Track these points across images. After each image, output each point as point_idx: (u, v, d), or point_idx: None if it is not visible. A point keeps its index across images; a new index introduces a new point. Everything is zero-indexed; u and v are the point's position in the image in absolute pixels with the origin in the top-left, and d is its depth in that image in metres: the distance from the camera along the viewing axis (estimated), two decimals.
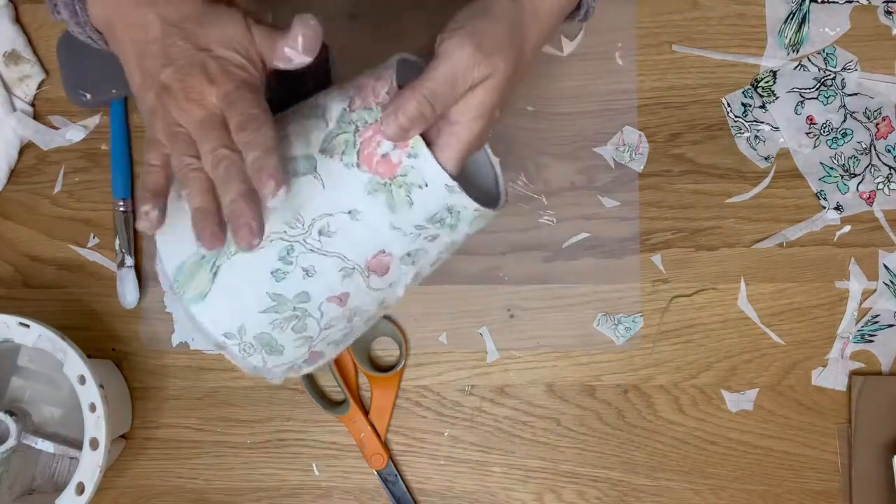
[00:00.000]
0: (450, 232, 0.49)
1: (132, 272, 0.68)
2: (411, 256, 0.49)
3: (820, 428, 0.66)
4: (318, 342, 0.51)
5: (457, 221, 0.48)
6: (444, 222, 0.48)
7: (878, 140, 0.67)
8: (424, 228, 0.48)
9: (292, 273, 0.47)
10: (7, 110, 0.69)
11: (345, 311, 0.49)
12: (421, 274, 0.51)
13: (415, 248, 0.48)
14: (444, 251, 0.51)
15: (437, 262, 0.51)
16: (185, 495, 0.69)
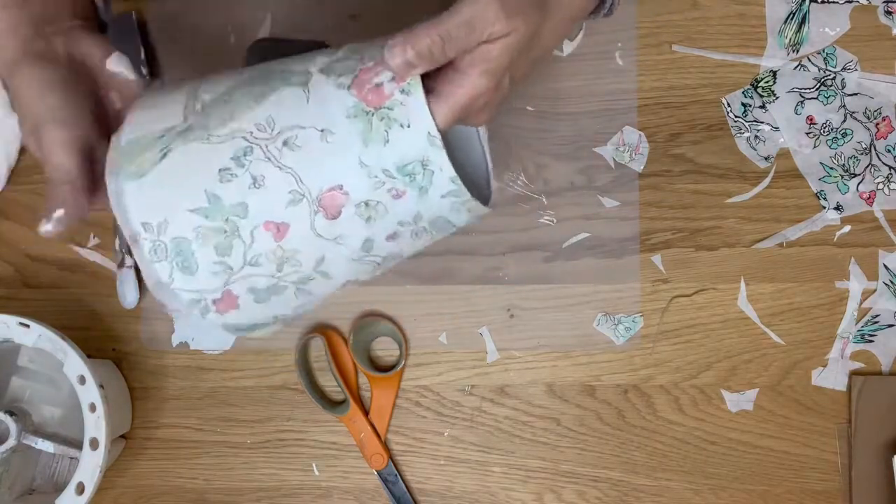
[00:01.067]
0: (417, 196, 0.45)
1: (132, 272, 0.69)
2: (368, 209, 0.45)
3: (820, 428, 0.66)
4: (237, 280, 0.46)
5: (428, 185, 0.45)
6: (414, 178, 0.45)
7: (878, 140, 0.67)
8: (392, 178, 0.45)
9: (240, 178, 0.44)
10: (7, 110, 0.69)
11: (276, 249, 0.45)
12: (372, 252, 0.47)
13: (375, 198, 0.45)
14: (404, 225, 0.46)
15: (393, 240, 0.47)
16: (185, 495, 0.69)
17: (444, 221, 0.48)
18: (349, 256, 0.47)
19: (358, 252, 0.47)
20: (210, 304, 0.46)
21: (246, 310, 0.47)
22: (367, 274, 0.50)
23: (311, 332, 0.68)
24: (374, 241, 0.47)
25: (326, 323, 0.69)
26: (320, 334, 0.67)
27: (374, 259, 0.48)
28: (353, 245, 0.46)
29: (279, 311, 0.48)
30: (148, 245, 0.45)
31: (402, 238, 0.47)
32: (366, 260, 0.48)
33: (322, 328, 0.68)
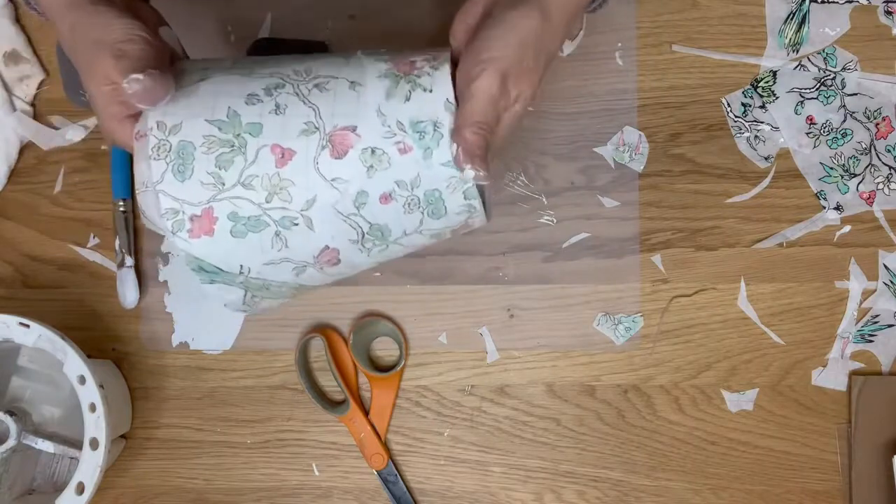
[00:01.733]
0: (421, 157, 0.47)
1: (132, 272, 0.69)
2: (372, 157, 0.46)
3: (820, 428, 0.66)
4: (224, 199, 0.46)
5: (434, 147, 0.47)
6: (423, 136, 0.47)
7: (878, 140, 0.67)
8: (403, 132, 0.46)
9: (265, 104, 0.47)
10: (7, 110, 0.69)
11: (274, 176, 0.46)
12: (362, 212, 0.47)
13: (382, 147, 0.46)
14: (400, 187, 0.47)
15: (385, 203, 0.47)
16: (185, 495, 0.69)
17: (438, 200, 0.48)
18: (338, 207, 0.47)
19: (349, 205, 0.47)
20: (187, 220, 0.46)
21: (219, 241, 0.47)
22: (349, 249, 0.49)
23: (311, 332, 0.68)
24: (368, 196, 0.47)
25: (326, 323, 0.69)
26: (320, 334, 0.67)
27: (360, 224, 0.48)
28: (346, 193, 0.47)
29: (250, 260, 0.48)
30: (153, 141, 0.46)
31: (393, 206, 0.48)
32: (353, 220, 0.47)
33: (322, 328, 0.68)
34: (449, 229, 0.51)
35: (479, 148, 0.47)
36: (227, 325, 0.69)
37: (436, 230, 0.50)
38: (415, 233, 0.50)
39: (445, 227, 0.50)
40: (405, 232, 0.49)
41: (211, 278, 0.48)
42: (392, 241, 0.50)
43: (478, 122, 0.47)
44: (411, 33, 0.68)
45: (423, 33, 0.69)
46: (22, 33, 0.70)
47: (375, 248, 0.50)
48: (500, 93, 0.47)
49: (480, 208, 0.49)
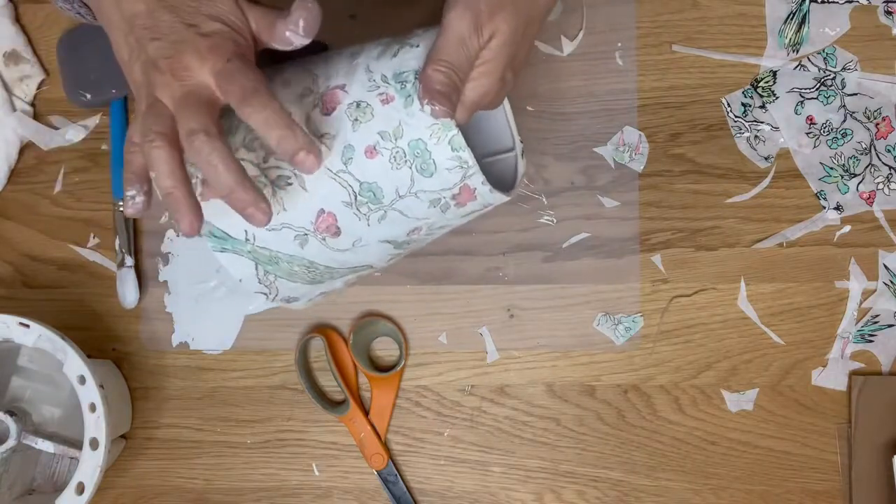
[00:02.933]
0: (402, 105, 0.47)
1: (132, 272, 0.69)
2: (357, 111, 0.47)
3: (820, 428, 0.66)
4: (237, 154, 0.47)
5: (413, 93, 0.47)
6: (405, 86, 0.47)
7: (878, 140, 0.67)
8: (386, 83, 0.47)
9: (276, 82, 0.50)
10: (7, 110, 0.69)
11: None
12: (349, 168, 0.48)
13: (366, 100, 0.47)
14: (385, 138, 0.47)
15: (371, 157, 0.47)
16: (185, 495, 0.69)
17: (424, 152, 0.47)
18: (327, 164, 0.48)
19: (336, 161, 0.48)
20: (199, 183, 0.48)
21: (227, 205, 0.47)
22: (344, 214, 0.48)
23: (311, 332, 0.68)
24: (354, 150, 0.47)
25: (326, 323, 0.69)
26: (320, 334, 0.67)
27: (350, 182, 0.48)
28: (333, 149, 0.47)
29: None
30: None
31: (379, 160, 0.47)
32: (342, 178, 0.48)
33: (322, 328, 0.68)
34: (449, 194, 0.49)
35: (439, 84, 0.45)
36: (227, 325, 0.69)
37: (433, 192, 0.49)
38: (410, 195, 0.48)
39: (442, 188, 0.49)
40: (398, 192, 0.48)
41: (221, 245, 0.49)
42: (388, 204, 0.49)
43: (442, 59, 0.45)
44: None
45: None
46: (22, 33, 0.70)
47: (372, 213, 0.49)
48: (470, 30, 0.46)
49: (474, 164, 0.48)
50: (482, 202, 0.51)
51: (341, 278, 0.53)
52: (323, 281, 0.52)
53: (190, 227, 0.44)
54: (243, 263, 0.50)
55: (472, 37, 0.46)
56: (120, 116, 0.69)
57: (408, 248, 0.54)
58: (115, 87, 0.69)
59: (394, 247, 0.52)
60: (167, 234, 0.69)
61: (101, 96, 0.69)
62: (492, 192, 0.50)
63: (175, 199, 0.44)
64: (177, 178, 0.44)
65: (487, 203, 0.52)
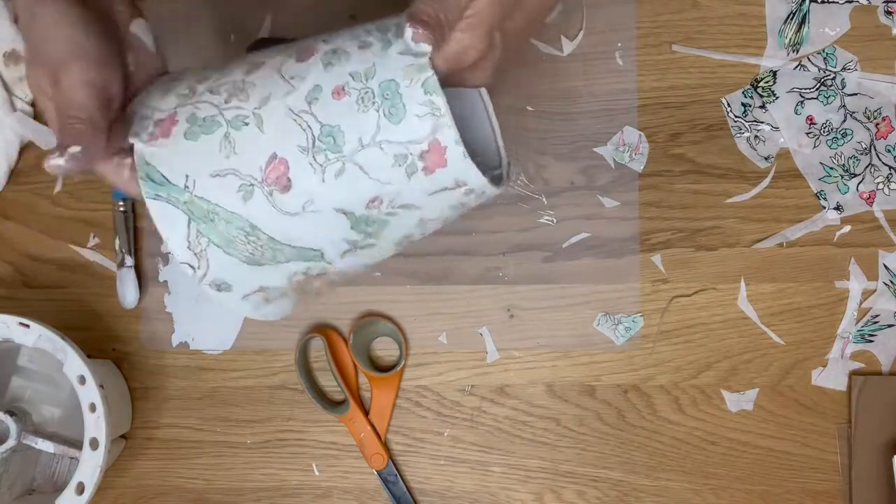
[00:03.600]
0: (380, 49, 0.46)
1: (132, 272, 0.69)
2: (333, 56, 0.46)
3: (820, 428, 0.66)
4: (192, 101, 0.46)
5: (393, 39, 0.46)
6: (385, 34, 0.46)
7: (878, 140, 0.67)
8: (368, 33, 0.47)
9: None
10: (7, 110, 0.69)
11: (239, 81, 0.46)
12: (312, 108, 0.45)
13: (343, 47, 0.46)
14: (355, 79, 0.45)
15: (337, 97, 0.45)
16: (185, 495, 0.69)
17: (395, 95, 0.44)
18: (289, 102, 0.45)
19: (300, 101, 0.45)
20: (151, 124, 0.47)
21: (171, 144, 0.46)
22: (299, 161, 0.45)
23: (311, 332, 0.68)
24: (322, 90, 0.45)
25: (326, 323, 0.69)
26: (320, 334, 0.67)
27: (311, 123, 0.45)
28: (300, 89, 0.45)
29: (196, 167, 0.46)
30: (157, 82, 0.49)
31: (346, 101, 0.45)
32: (303, 119, 0.45)
33: (322, 328, 0.68)
34: (417, 150, 0.45)
35: (426, 15, 0.44)
36: (227, 325, 0.69)
37: (398, 144, 0.45)
38: (373, 144, 0.45)
39: (409, 140, 0.45)
40: (361, 141, 0.45)
41: (156, 191, 0.46)
42: (348, 154, 0.45)
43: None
44: None
45: None
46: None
47: (329, 165, 0.45)
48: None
49: (447, 113, 0.44)
50: (453, 173, 0.46)
51: (285, 263, 0.48)
52: (262, 263, 0.47)
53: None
54: (175, 216, 0.46)
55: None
56: None
57: (366, 238, 0.48)
58: None
59: (350, 225, 0.46)
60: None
61: None
62: (465, 159, 0.45)
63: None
64: None
65: (461, 180, 0.46)
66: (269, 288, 0.49)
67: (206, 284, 0.48)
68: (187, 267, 0.47)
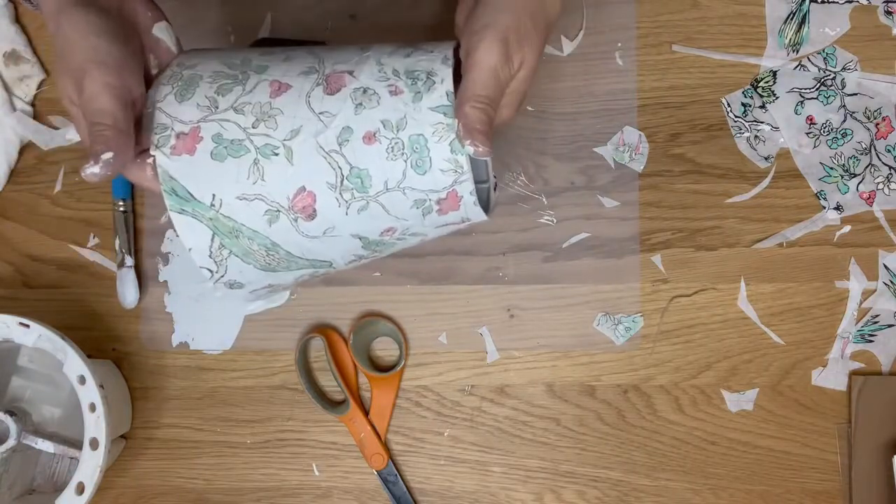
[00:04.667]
0: (410, 99, 0.47)
1: (132, 272, 0.69)
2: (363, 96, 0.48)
3: (820, 428, 0.66)
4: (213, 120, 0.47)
5: (424, 91, 0.47)
6: (416, 82, 0.48)
7: (878, 140, 0.67)
8: (398, 77, 0.48)
9: (277, 55, 0.50)
10: (7, 110, 0.69)
11: (265, 104, 0.47)
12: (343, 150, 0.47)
13: (373, 87, 0.48)
14: (386, 127, 0.47)
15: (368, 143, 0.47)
16: (185, 495, 0.69)
17: (423, 148, 0.47)
18: (320, 141, 0.47)
19: (331, 140, 0.47)
20: (173, 136, 0.47)
21: (197, 162, 0.47)
22: (326, 196, 0.47)
23: (311, 332, 0.68)
24: (353, 132, 0.47)
25: (326, 323, 0.69)
26: (320, 334, 0.67)
27: (340, 164, 0.47)
28: (331, 126, 0.47)
29: (223, 188, 0.47)
30: (168, 73, 0.49)
31: (376, 147, 0.47)
32: (333, 158, 0.47)
33: (322, 328, 0.68)
34: (436, 197, 0.48)
35: (480, 122, 0.45)
36: (227, 325, 0.69)
37: (420, 192, 0.48)
38: (397, 189, 0.48)
39: (430, 189, 0.48)
40: (387, 185, 0.47)
41: (181, 206, 0.47)
42: (373, 195, 0.48)
43: (478, 94, 0.45)
44: (412, 34, 0.68)
45: (424, 34, 0.69)
46: (22, 33, 0.70)
47: (354, 202, 0.48)
48: (502, 61, 0.46)
49: (469, 171, 0.48)
50: (462, 214, 0.50)
51: (296, 271, 0.51)
52: (277, 270, 0.50)
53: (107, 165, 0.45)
54: (200, 230, 0.47)
55: (504, 68, 0.46)
56: None
57: (373, 253, 0.52)
58: None
59: (362, 245, 0.50)
60: (167, 235, 0.70)
61: None
62: (475, 206, 0.50)
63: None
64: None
65: (466, 217, 0.51)
66: (275, 285, 0.52)
67: (220, 284, 0.50)
68: (206, 271, 0.49)
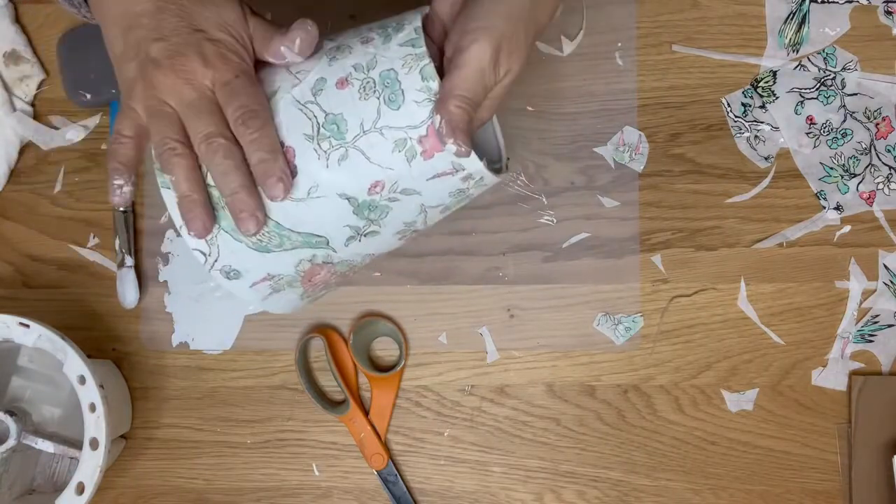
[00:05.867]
0: (381, 42, 0.48)
1: (132, 272, 0.69)
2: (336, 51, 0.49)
3: (820, 428, 0.66)
4: None
5: (394, 33, 0.48)
6: (386, 29, 0.49)
7: (878, 140, 0.67)
8: (369, 31, 0.49)
9: None
10: (7, 110, 0.69)
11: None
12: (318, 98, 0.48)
13: (347, 43, 0.49)
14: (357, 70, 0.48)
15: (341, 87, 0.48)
16: (185, 495, 0.69)
17: (394, 82, 0.47)
18: (295, 94, 0.48)
19: (306, 92, 0.48)
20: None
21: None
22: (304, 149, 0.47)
23: (311, 332, 0.68)
24: (326, 81, 0.48)
25: (326, 323, 0.69)
26: (320, 334, 0.67)
27: (316, 113, 0.47)
28: (305, 81, 0.48)
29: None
30: None
31: (349, 90, 0.48)
32: (308, 109, 0.48)
33: (322, 328, 0.68)
34: (416, 134, 0.47)
35: (462, 122, 0.46)
36: (227, 325, 0.69)
37: (398, 129, 0.47)
38: (374, 130, 0.47)
39: (408, 125, 0.47)
40: (362, 126, 0.47)
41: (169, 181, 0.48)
42: (350, 140, 0.47)
43: (463, 95, 0.46)
44: None
45: None
46: (22, 33, 0.70)
47: (333, 151, 0.47)
48: (490, 66, 0.46)
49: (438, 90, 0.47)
50: (450, 157, 0.48)
51: (293, 252, 0.50)
52: (270, 249, 0.49)
53: (203, 228, 0.47)
54: None
55: (491, 73, 0.47)
56: None
57: (369, 224, 0.50)
58: (115, 87, 0.69)
59: (353, 210, 0.49)
60: (167, 235, 0.69)
61: (101, 96, 0.69)
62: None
63: (192, 201, 0.46)
64: (194, 182, 0.46)
65: (456, 163, 0.48)
66: (276, 276, 0.51)
67: (216, 272, 0.50)
68: (199, 254, 0.49)
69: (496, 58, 0.46)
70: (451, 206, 0.52)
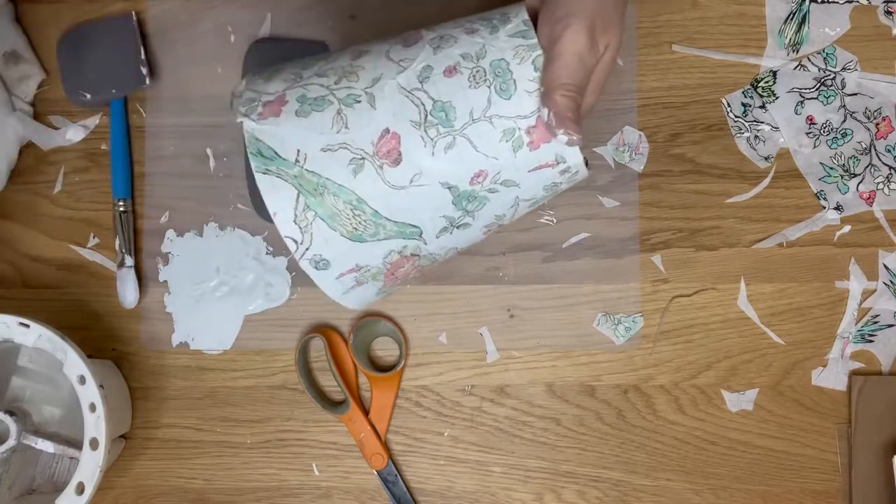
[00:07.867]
0: (488, 32, 0.48)
1: (132, 272, 0.69)
2: (441, 40, 0.49)
3: (820, 428, 0.66)
4: (298, 87, 0.49)
5: (500, 24, 0.48)
6: (491, 20, 0.49)
7: (878, 140, 0.67)
8: (472, 22, 0.49)
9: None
10: (7, 110, 0.69)
11: (347, 66, 0.49)
12: (425, 86, 0.47)
13: (450, 33, 0.49)
14: (466, 59, 0.48)
15: (450, 75, 0.47)
16: (185, 495, 0.69)
17: (506, 71, 0.47)
18: (401, 82, 0.47)
19: (412, 79, 0.47)
20: (260, 105, 0.48)
21: (283, 121, 0.47)
22: (410, 136, 0.47)
23: (311, 332, 0.68)
24: (433, 69, 0.48)
25: (326, 323, 0.69)
26: (320, 334, 0.67)
27: (423, 100, 0.47)
28: (410, 69, 0.48)
29: (308, 142, 0.47)
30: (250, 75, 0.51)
31: (458, 78, 0.47)
32: (415, 96, 0.47)
33: (322, 328, 0.68)
34: (525, 125, 0.47)
35: (570, 110, 0.46)
36: (227, 325, 0.69)
37: (508, 119, 0.47)
38: (483, 119, 0.47)
39: (518, 115, 0.47)
40: (472, 115, 0.47)
41: (266, 165, 0.47)
42: (458, 128, 0.47)
43: (566, 83, 0.46)
44: None
45: None
46: (22, 33, 0.70)
47: (440, 139, 0.47)
48: (588, 48, 0.46)
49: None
50: (555, 149, 0.48)
51: (384, 243, 0.49)
52: (364, 239, 0.48)
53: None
54: (284, 190, 0.47)
55: (590, 54, 0.46)
56: (120, 116, 0.69)
57: (465, 215, 0.50)
58: (115, 87, 0.69)
59: (452, 200, 0.48)
60: (167, 235, 0.70)
61: (101, 96, 0.69)
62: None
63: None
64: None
65: (560, 155, 0.49)
66: (364, 267, 0.50)
67: (305, 261, 0.49)
68: (290, 241, 0.48)
69: (592, 38, 0.46)
70: (539, 201, 0.53)
